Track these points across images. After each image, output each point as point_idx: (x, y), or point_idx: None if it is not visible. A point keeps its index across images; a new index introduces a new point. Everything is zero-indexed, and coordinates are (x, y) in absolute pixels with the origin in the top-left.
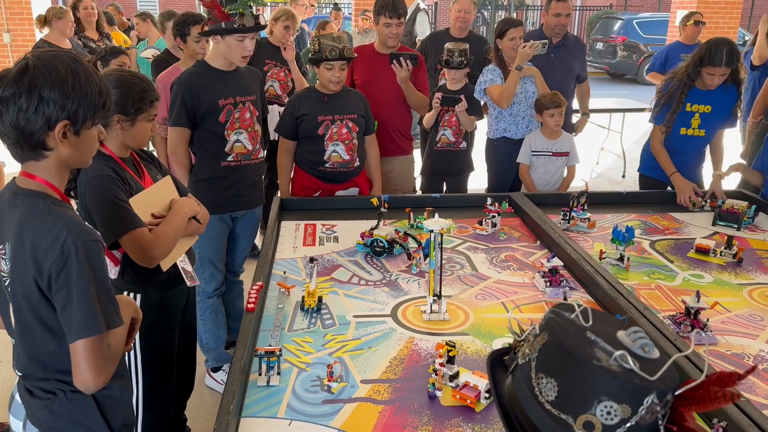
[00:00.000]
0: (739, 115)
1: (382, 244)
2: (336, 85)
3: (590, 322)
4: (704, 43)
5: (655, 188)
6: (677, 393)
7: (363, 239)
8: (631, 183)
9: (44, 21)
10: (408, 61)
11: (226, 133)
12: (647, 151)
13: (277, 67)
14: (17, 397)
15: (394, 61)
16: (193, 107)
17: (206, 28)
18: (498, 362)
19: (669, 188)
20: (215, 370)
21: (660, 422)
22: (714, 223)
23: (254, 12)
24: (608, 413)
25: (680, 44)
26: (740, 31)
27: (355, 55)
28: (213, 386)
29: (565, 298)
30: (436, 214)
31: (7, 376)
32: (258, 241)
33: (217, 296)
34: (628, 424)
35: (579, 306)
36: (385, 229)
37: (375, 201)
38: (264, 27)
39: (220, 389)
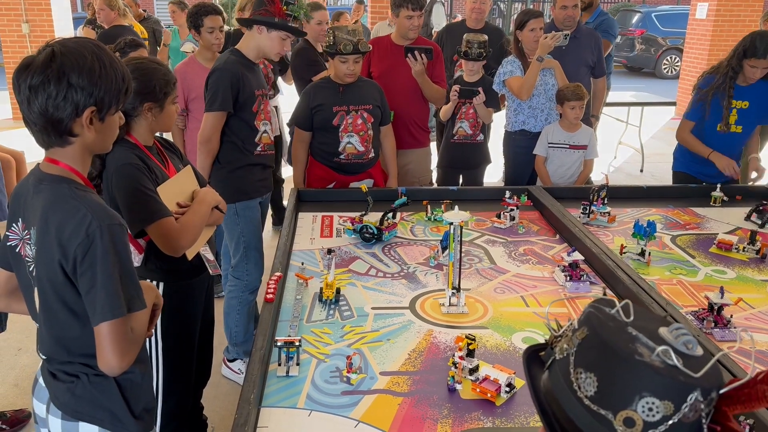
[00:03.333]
0: None
1: (371, 230)
2: (350, 77)
3: (631, 318)
4: (748, 35)
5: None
6: (722, 392)
7: (353, 225)
8: (649, 177)
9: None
10: (423, 54)
11: (256, 123)
12: (680, 149)
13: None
14: (41, 380)
15: (409, 55)
16: (237, 93)
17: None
18: (534, 358)
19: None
20: (231, 360)
21: (704, 421)
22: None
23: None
24: (650, 410)
25: None
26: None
27: (370, 47)
28: (229, 376)
29: (604, 294)
30: (456, 207)
31: (27, 363)
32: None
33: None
34: (671, 422)
35: (620, 301)
36: (374, 216)
37: (364, 188)
38: (305, 34)
39: (236, 379)
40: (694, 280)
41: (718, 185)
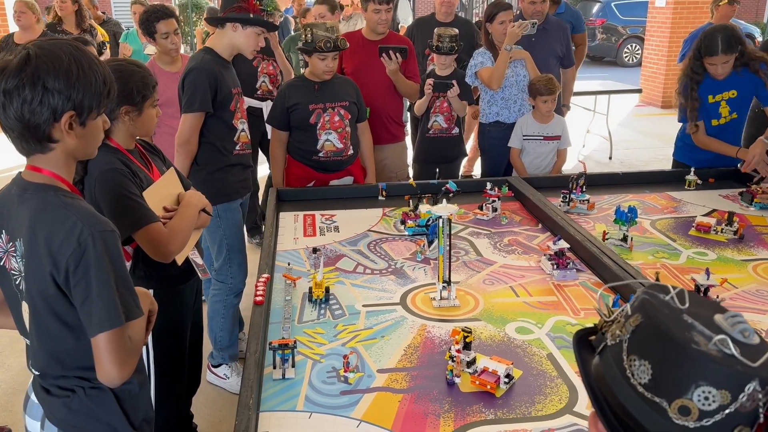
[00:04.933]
0: None
1: (420, 224)
2: (329, 74)
3: (687, 305)
4: (701, 34)
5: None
6: None
7: (414, 221)
8: (618, 164)
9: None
10: (397, 54)
11: (234, 122)
12: (682, 139)
13: (265, 60)
14: (33, 396)
15: (384, 55)
16: (215, 92)
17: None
18: (583, 342)
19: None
20: (216, 365)
21: (761, 410)
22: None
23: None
24: (706, 398)
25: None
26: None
27: (347, 44)
28: (214, 381)
29: (657, 279)
30: (444, 200)
31: (3, 378)
32: None
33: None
34: (727, 411)
35: (674, 287)
36: (425, 208)
37: (413, 183)
38: (278, 28)
39: (222, 384)
40: (677, 263)
41: (692, 169)
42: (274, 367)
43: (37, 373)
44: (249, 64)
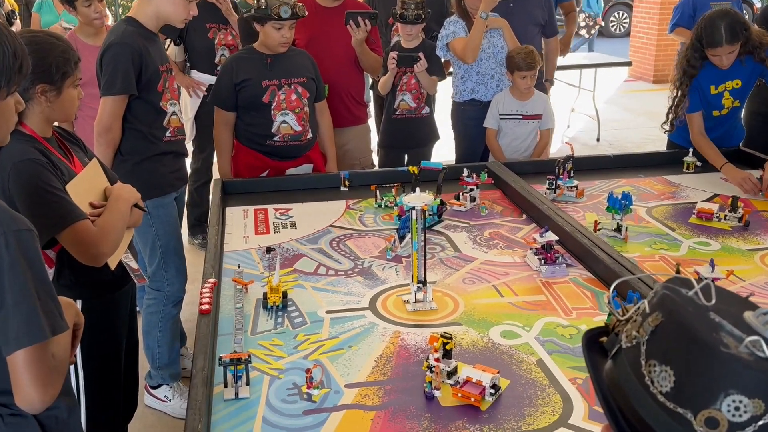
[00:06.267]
0: None
1: (432, 212)
2: (284, 46)
3: (713, 301)
4: (700, 20)
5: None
6: None
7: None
8: (607, 146)
9: None
10: (367, 20)
11: (162, 104)
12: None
13: (221, 30)
14: None
15: (351, 22)
16: (139, 71)
17: None
18: (594, 343)
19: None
20: (155, 386)
21: None
22: None
23: None
24: (736, 408)
25: None
26: None
27: (306, 12)
28: (154, 405)
29: (678, 272)
30: (417, 189)
31: None
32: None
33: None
34: (761, 422)
35: (699, 281)
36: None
37: (414, 169)
38: None
39: (163, 408)
40: (678, 255)
41: (691, 150)
42: (226, 386)
43: None
44: (205, 37)
